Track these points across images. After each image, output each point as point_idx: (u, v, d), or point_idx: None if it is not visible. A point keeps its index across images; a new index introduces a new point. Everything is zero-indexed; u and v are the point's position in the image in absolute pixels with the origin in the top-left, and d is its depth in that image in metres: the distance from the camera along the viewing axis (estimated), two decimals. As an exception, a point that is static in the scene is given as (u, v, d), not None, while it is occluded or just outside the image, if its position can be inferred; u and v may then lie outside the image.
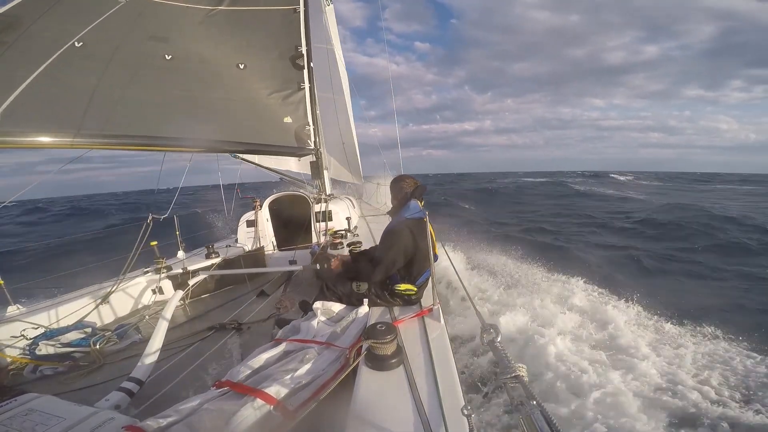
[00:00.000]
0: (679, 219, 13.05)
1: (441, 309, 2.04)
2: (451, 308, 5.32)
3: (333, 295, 2.33)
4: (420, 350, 1.67)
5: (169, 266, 3.58)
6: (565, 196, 26.27)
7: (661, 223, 12.85)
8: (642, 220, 14.03)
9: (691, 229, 11.56)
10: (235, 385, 1.42)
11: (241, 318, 2.92)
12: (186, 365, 2.18)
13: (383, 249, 2.26)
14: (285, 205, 4.97)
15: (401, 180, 2.44)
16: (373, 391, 1.37)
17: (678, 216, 13.78)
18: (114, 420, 1.27)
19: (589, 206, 19.80)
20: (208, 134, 2.87)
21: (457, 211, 17.94)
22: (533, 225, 13.91)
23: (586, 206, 19.92)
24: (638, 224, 13.35)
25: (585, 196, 26.79)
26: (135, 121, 2.71)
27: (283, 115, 3.09)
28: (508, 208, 20.21)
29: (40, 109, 2.45)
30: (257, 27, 3.26)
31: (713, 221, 12.60)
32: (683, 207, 16.56)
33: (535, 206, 20.78)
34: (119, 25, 2.83)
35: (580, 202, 22.91)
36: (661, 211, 15.84)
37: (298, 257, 4.22)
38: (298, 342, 1.80)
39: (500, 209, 19.77)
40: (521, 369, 1.21)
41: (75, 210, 25.87)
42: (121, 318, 3.17)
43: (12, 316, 2.54)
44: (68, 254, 8.25)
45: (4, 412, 1.27)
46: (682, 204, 17.80)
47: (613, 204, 21.09)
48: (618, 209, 18.35)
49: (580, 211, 17.75)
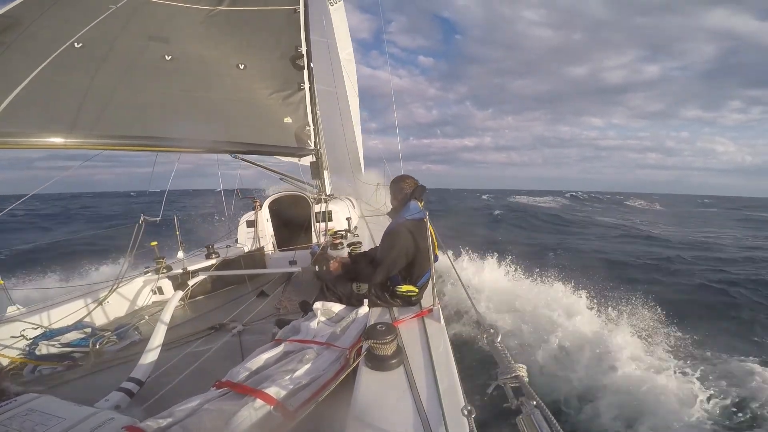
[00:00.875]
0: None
1: (441, 309, 2.04)
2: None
3: (333, 296, 2.33)
4: (420, 350, 1.67)
5: (169, 266, 3.58)
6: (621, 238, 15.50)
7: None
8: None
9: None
10: (235, 386, 1.42)
11: (241, 318, 2.92)
12: (186, 365, 2.18)
13: (384, 250, 2.26)
14: (285, 206, 4.97)
15: (401, 180, 2.43)
16: (373, 392, 1.37)
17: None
18: (114, 420, 1.26)
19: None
20: (208, 135, 2.87)
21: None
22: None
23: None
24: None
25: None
26: (135, 122, 2.71)
27: (283, 115, 3.10)
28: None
29: (41, 110, 2.45)
30: (257, 27, 3.26)
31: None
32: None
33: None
34: (119, 26, 2.83)
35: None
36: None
37: (298, 257, 4.22)
38: (298, 342, 1.80)
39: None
40: (521, 369, 1.22)
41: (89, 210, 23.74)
42: (121, 318, 3.17)
43: (12, 317, 2.53)
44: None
45: (3, 412, 1.26)
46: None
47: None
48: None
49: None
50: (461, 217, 19.58)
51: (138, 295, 3.43)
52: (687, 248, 12.44)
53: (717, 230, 19.40)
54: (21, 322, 2.48)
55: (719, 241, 14.70)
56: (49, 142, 2.44)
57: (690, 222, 25.62)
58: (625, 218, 25.50)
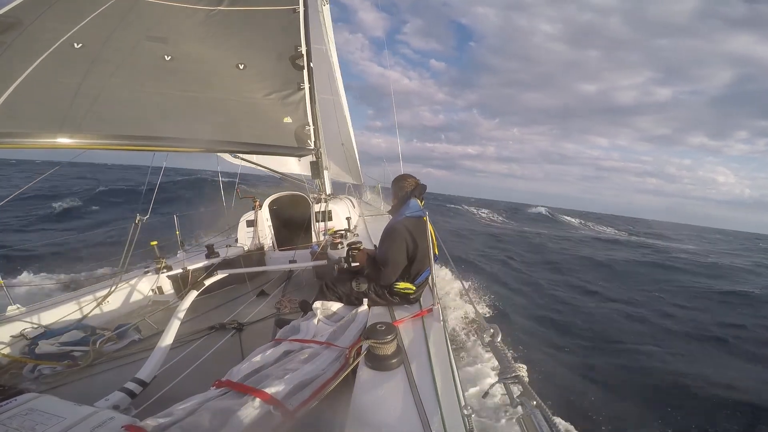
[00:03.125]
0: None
1: (441, 309, 2.04)
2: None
3: (333, 295, 2.34)
4: (420, 350, 1.68)
5: (169, 266, 3.58)
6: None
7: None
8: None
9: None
10: (235, 385, 1.42)
11: (241, 318, 2.92)
12: (186, 365, 2.18)
13: (384, 250, 2.26)
14: (285, 205, 4.97)
15: (402, 179, 2.44)
16: (372, 391, 1.38)
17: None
18: (114, 420, 1.26)
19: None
20: (207, 135, 2.87)
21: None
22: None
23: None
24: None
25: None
26: (134, 122, 2.71)
27: (283, 115, 3.09)
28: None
29: (39, 110, 2.45)
30: (257, 27, 3.26)
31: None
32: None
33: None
34: (118, 26, 2.83)
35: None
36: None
37: (298, 257, 4.22)
38: (297, 342, 1.80)
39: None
40: (521, 369, 1.22)
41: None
42: (121, 318, 3.17)
43: (12, 316, 2.54)
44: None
45: (3, 411, 1.26)
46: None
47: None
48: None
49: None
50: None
51: (138, 295, 3.43)
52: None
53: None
54: (21, 322, 2.48)
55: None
56: (48, 143, 2.44)
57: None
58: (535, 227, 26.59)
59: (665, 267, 13.85)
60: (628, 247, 20.14)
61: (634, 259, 15.10)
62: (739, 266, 15.88)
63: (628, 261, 14.31)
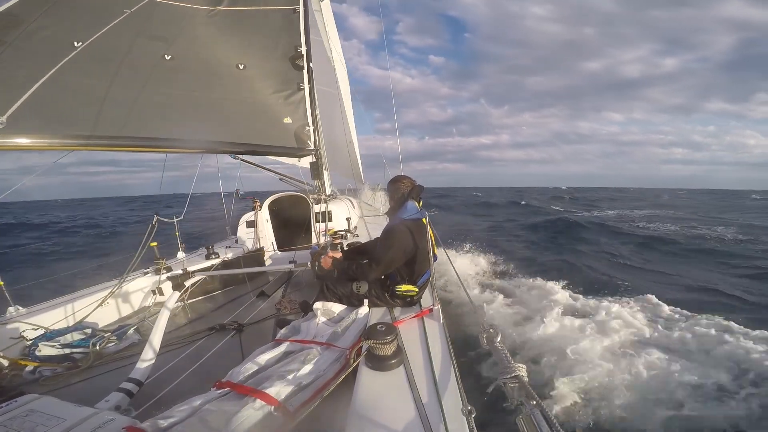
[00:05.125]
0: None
1: (441, 309, 2.04)
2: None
3: (333, 296, 2.33)
4: (420, 350, 1.68)
5: (169, 267, 3.58)
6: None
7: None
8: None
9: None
10: (235, 386, 1.42)
11: (242, 318, 2.92)
12: (186, 366, 2.18)
13: (383, 248, 2.26)
14: (285, 206, 4.97)
15: (398, 180, 2.42)
16: (373, 392, 1.38)
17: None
18: (114, 421, 1.26)
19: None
20: (207, 135, 2.87)
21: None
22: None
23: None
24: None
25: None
26: (134, 122, 2.70)
27: (283, 115, 3.09)
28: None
29: (39, 111, 2.44)
30: (257, 27, 3.25)
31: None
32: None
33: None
34: (118, 25, 2.82)
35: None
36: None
37: (298, 258, 4.22)
38: (298, 342, 1.80)
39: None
40: (521, 369, 1.22)
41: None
42: (121, 319, 3.17)
43: (12, 318, 2.53)
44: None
45: (4, 413, 1.26)
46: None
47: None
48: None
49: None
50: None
51: (138, 296, 3.43)
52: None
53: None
54: (21, 323, 2.47)
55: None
56: (48, 143, 2.43)
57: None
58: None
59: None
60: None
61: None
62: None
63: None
